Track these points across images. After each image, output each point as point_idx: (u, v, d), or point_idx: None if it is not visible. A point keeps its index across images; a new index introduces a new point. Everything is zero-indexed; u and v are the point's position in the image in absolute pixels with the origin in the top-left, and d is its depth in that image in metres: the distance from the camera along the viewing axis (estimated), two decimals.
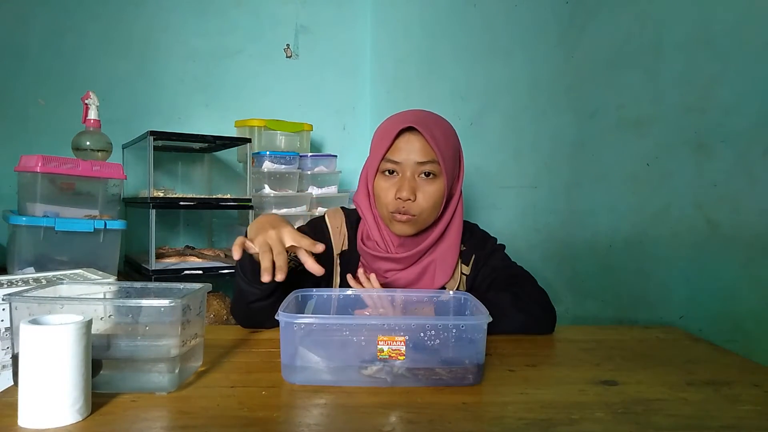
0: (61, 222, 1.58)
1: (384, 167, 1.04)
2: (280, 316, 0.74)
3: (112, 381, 0.69)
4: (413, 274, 1.08)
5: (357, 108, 2.65)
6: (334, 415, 0.66)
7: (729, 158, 1.17)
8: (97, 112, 1.76)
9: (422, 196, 1.02)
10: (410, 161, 1.02)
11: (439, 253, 1.09)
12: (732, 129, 1.16)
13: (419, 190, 1.02)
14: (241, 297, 0.98)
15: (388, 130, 1.05)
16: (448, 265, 1.09)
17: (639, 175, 1.37)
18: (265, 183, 2.12)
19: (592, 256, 1.51)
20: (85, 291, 0.91)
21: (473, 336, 0.75)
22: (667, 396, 0.74)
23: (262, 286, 0.94)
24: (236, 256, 0.88)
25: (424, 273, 1.08)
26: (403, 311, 0.94)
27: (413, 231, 1.05)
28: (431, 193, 1.03)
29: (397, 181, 1.03)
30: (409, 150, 1.02)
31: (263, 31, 2.45)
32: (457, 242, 1.11)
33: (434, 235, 1.08)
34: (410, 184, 1.01)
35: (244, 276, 0.96)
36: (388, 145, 1.03)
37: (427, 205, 1.03)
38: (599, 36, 1.50)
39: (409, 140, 1.02)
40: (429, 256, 1.09)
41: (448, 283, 1.10)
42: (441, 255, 1.09)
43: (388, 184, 1.04)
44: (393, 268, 1.08)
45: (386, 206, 1.04)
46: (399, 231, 1.05)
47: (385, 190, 1.04)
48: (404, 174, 1.03)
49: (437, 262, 1.08)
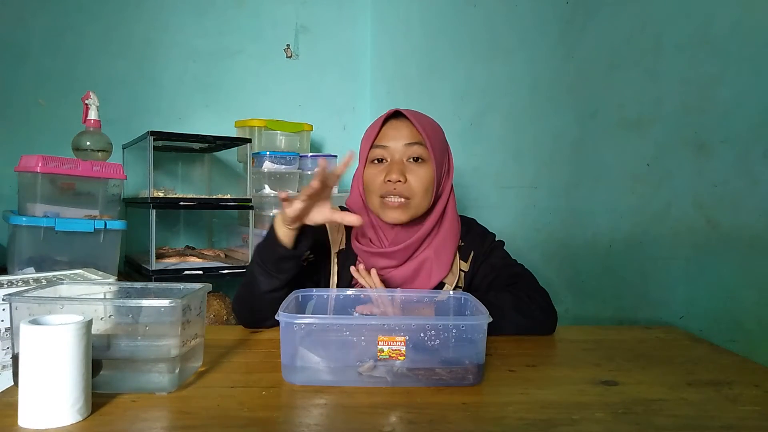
0: (62, 222, 1.58)
1: (373, 155, 1.07)
2: (280, 316, 0.74)
3: (112, 381, 0.69)
4: (409, 271, 1.07)
5: (357, 108, 2.65)
6: (334, 416, 0.66)
7: (729, 158, 1.16)
8: (97, 112, 1.76)
9: (413, 177, 1.04)
10: (398, 145, 1.04)
11: (434, 249, 1.08)
12: (732, 129, 1.16)
13: (409, 173, 1.04)
14: (255, 288, 0.98)
15: (374, 122, 1.09)
16: (443, 262, 1.08)
17: (639, 175, 1.37)
18: (265, 183, 2.12)
19: (592, 256, 1.51)
20: (86, 291, 0.91)
21: (473, 336, 0.75)
22: (667, 396, 0.74)
23: (282, 276, 0.97)
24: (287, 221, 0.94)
25: (419, 270, 1.08)
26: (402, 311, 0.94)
27: (406, 217, 1.05)
28: (421, 176, 1.04)
29: (385, 167, 1.05)
30: (396, 135, 1.05)
31: (263, 32, 2.45)
32: (452, 238, 1.10)
33: (426, 228, 1.07)
34: (399, 167, 1.03)
35: (263, 265, 0.97)
36: (376, 132, 1.06)
37: (418, 187, 1.04)
38: (599, 36, 1.50)
39: (396, 126, 1.06)
40: (423, 253, 1.08)
41: (446, 278, 1.09)
42: (436, 251, 1.08)
43: (377, 171, 1.06)
44: (388, 265, 1.08)
45: (376, 192, 1.05)
46: (391, 218, 1.05)
47: (374, 177, 1.06)
48: (393, 158, 1.05)
49: (432, 258, 1.08)
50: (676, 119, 1.28)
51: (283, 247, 0.96)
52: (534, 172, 1.73)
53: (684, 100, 1.26)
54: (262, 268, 0.97)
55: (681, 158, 1.26)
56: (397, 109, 1.06)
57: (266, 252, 0.97)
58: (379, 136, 1.06)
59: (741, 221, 1.14)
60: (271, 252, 0.96)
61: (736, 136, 1.15)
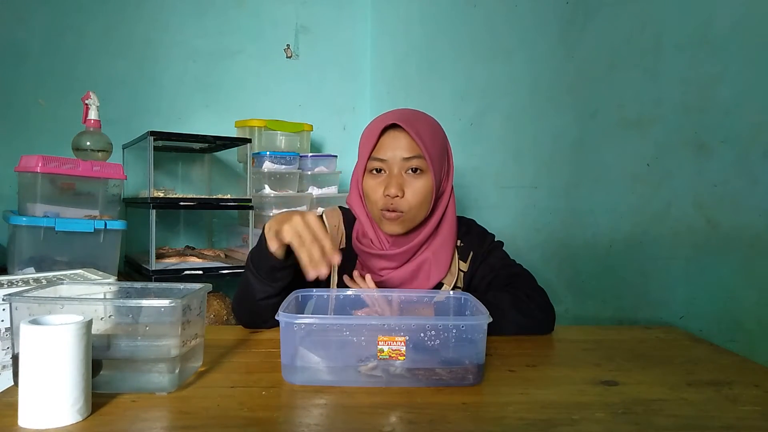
0: (62, 222, 1.58)
1: (371, 166, 1.06)
2: (280, 316, 0.74)
3: (112, 381, 0.69)
4: (408, 272, 1.07)
5: (357, 108, 2.65)
6: (334, 416, 0.66)
7: (729, 158, 1.16)
8: (97, 112, 1.75)
9: (410, 191, 1.03)
10: (396, 158, 1.03)
11: (433, 250, 1.09)
12: (732, 129, 1.16)
13: (407, 186, 1.03)
14: (249, 293, 0.97)
15: (372, 129, 1.06)
16: (442, 264, 1.09)
17: (639, 175, 1.37)
18: (265, 183, 2.12)
19: (592, 256, 1.51)
20: (86, 291, 0.91)
21: (473, 336, 0.75)
22: (667, 396, 0.74)
23: (275, 284, 0.95)
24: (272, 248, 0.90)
25: (418, 271, 1.08)
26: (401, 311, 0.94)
27: (402, 230, 1.05)
28: (419, 189, 1.03)
29: (384, 179, 1.04)
30: (394, 147, 1.03)
31: (263, 32, 2.45)
32: (450, 240, 1.10)
33: (426, 232, 1.07)
34: (397, 181, 1.02)
35: (257, 273, 0.96)
36: (374, 143, 1.04)
37: (415, 201, 1.03)
38: (599, 36, 1.50)
39: (394, 137, 1.03)
40: (422, 254, 1.09)
41: (445, 278, 1.09)
42: (434, 253, 1.09)
43: (376, 183, 1.05)
44: (387, 266, 1.08)
45: (376, 204, 1.05)
46: (389, 230, 1.05)
47: (374, 189, 1.05)
48: (391, 171, 1.04)
49: (431, 260, 1.08)
50: (676, 119, 1.28)
51: (274, 258, 0.93)
52: (534, 172, 1.73)
53: (684, 100, 1.26)
54: (255, 276, 0.96)
55: (681, 158, 1.26)
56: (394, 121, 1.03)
57: (259, 260, 0.95)
58: (378, 147, 1.05)
59: (741, 221, 1.14)
60: (264, 260, 0.95)
61: (736, 136, 1.15)
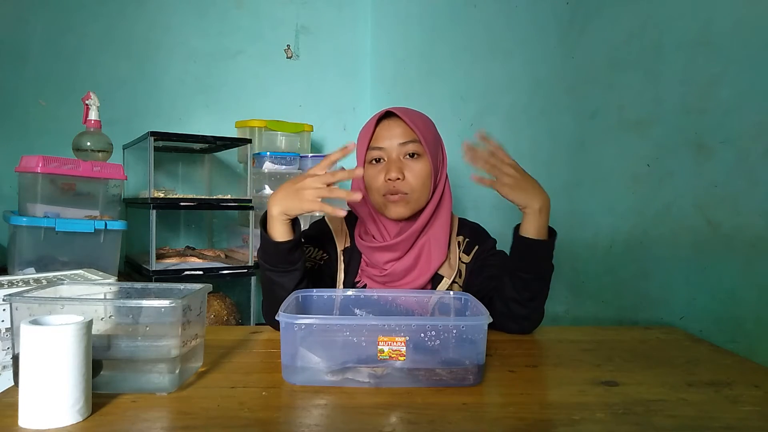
0: (62, 222, 1.58)
1: (370, 156, 1.10)
2: (281, 316, 0.74)
3: (112, 381, 0.69)
4: (410, 259, 1.10)
5: (357, 109, 2.65)
6: (334, 416, 0.66)
7: (729, 159, 1.16)
8: (97, 112, 1.76)
9: (410, 174, 1.07)
10: (393, 144, 1.07)
11: (432, 233, 1.12)
12: (732, 129, 1.16)
13: (406, 170, 1.07)
14: (278, 293, 0.99)
15: (368, 122, 1.12)
16: (441, 244, 1.12)
17: (639, 176, 1.37)
18: (265, 183, 2.12)
19: (593, 256, 1.51)
20: (86, 291, 0.91)
21: (474, 337, 0.75)
22: (667, 397, 0.74)
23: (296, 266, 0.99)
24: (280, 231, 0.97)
25: (419, 256, 1.11)
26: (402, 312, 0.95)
27: (408, 212, 1.08)
28: (418, 171, 1.07)
29: (384, 166, 1.08)
30: (390, 135, 1.08)
31: (264, 32, 2.45)
32: (446, 224, 1.14)
33: (425, 216, 1.10)
34: (397, 165, 1.07)
35: (274, 267, 0.99)
36: (371, 134, 1.09)
37: (417, 182, 1.07)
38: (599, 36, 1.50)
39: (389, 126, 1.09)
40: (422, 239, 1.12)
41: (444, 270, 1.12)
42: (434, 234, 1.12)
43: (376, 171, 1.09)
44: (391, 258, 1.10)
45: (378, 191, 1.09)
46: (394, 214, 1.08)
47: (374, 177, 1.09)
48: (390, 157, 1.08)
49: (431, 241, 1.12)
50: (676, 119, 1.28)
51: (283, 241, 0.97)
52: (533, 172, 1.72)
53: (684, 100, 1.26)
54: (277, 272, 0.99)
55: (681, 159, 1.26)
56: (388, 109, 1.09)
57: (273, 256, 0.98)
58: (374, 137, 1.09)
59: (741, 221, 1.14)
60: (276, 252, 0.98)
61: (736, 136, 1.15)
